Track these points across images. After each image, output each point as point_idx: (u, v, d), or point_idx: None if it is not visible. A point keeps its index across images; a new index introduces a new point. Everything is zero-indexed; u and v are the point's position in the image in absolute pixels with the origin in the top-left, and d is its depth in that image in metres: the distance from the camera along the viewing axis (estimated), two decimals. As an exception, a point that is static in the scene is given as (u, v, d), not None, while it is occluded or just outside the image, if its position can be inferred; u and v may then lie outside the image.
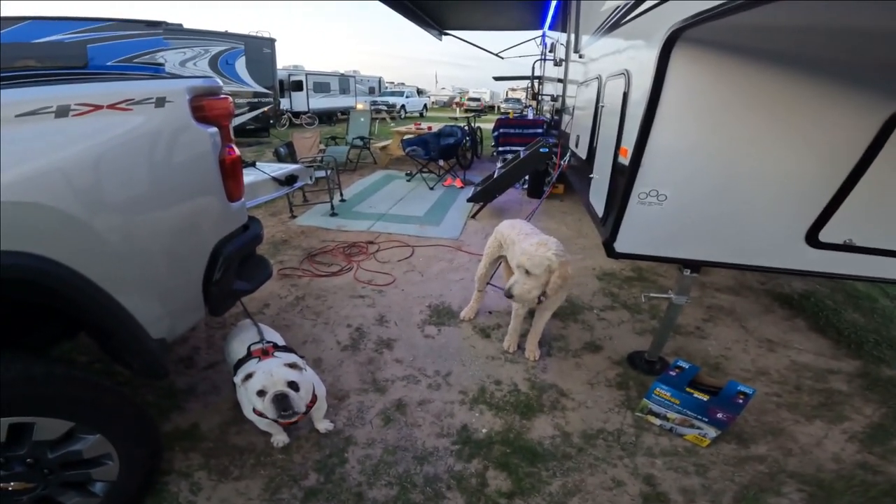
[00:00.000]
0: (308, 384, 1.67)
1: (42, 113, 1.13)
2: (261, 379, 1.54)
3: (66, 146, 1.16)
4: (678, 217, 1.81)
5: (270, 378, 1.54)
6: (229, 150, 1.65)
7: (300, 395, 1.58)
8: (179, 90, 1.42)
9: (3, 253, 1.03)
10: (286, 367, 1.59)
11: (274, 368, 1.57)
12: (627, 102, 1.91)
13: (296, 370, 1.62)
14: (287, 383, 1.54)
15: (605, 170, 2.19)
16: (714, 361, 2.46)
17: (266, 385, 1.53)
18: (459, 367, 2.37)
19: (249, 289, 1.94)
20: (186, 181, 1.50)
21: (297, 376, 1.59)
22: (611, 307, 3.07)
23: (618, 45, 2.32)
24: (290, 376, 1.56)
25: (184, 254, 1.56)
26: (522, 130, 6.59)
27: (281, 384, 1.53)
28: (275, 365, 1.58)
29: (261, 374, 1.54)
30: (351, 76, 20.96)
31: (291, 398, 1.54)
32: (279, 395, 1.52)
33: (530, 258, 2.03)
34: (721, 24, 1.25)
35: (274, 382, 1.53)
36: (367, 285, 3.29)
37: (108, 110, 1.26)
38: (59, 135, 1.15)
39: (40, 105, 1.12)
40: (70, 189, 1.16)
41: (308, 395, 1.66)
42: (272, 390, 1.52)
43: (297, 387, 1.57)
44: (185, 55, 9.19)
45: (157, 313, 1.49)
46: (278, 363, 1.60)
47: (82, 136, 1.20)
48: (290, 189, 2.41)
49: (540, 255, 2.03)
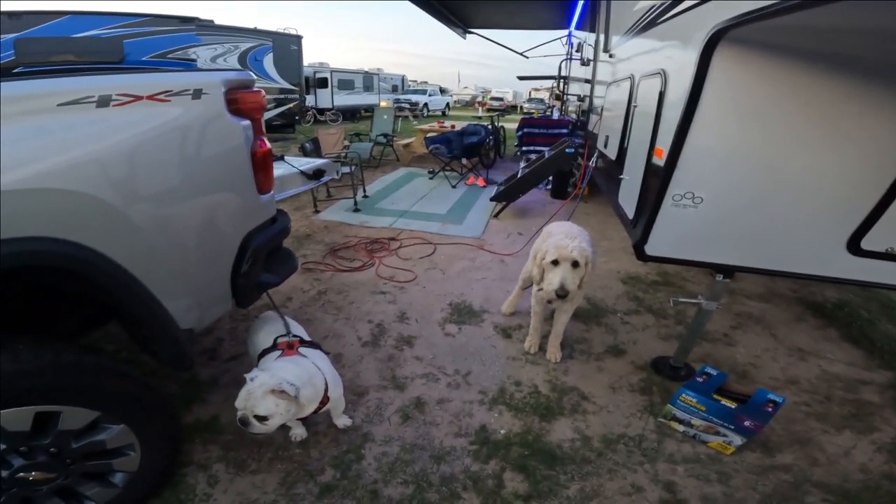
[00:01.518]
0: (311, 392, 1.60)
1: (84, 102, 1.15)
2: (241, 395, 1.46)
3: (105, 135, 1.18)
4: (713, 220, 1.75)
5: (245, 401, 1.45)
6: (261, 143, 1.67)
7: (272, 422, 1.49)
8: (215, 83, 1.44)
9: (42, 240, 1.06)
10: (269, 396, 1.46)
11: (256, 390, 1.45)
12: (664, 103, 1.86)
13: (284, 398, 1.48)
14: (254, 416, 1.45)
15: (637, 171, 2.13)
16: (742, 369, 2.40)
17: (238, 404, 1.46)
18: (479, 367, 2.35)
19: (276, 281, 1.96)
20: (219, 173, 1.52)
21: (272, 408, 1.46)
22: (635, 311, 3.01)
23: (653, 44, 2.26)
24: (263, 409, 1.45)
25: (214, 245, 1.58)
26: (547, 130, 6.51)
27: (250, 411, 1.45)
28: (259, 389, 1.45)
29: (244, 391, 1.46)
30: (375, 74, 21.10)
31: (252, 427, 1.47)
32: (242, 419, 1.47)
33: (579, 250, 1.99)
34: (767, 25, 1.20)
35: (245, 406, 1.45)
36: (388, 282, 3.30)
37: (147, 101, 1.28)
38: (99, 124, 1.18)
39: (82, 95, 1.15)
40: (108, 178, 1.18)
41: (315, 400, 1.62)
42: (240, 412, 1.47)
43: (266, 419, 1.47)
44: (216, 51, 9.40)
45: (187, 304, 1.51)
46: (264, 389, 1.45)
47: (122, 125, 1.22)
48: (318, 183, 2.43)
49: (584, 247, 2.01)
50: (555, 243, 2.04)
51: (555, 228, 2.46)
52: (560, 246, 2.01)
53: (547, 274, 2.06)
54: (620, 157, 2.66)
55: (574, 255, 1.98)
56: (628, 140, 2.49)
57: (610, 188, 2.99)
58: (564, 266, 2.00)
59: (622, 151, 2.64)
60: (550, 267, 2.04)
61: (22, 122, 1.05)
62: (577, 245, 2.01)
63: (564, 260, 2.00)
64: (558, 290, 1.97)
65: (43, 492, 1.24)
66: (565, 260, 2.00)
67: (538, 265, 2.12)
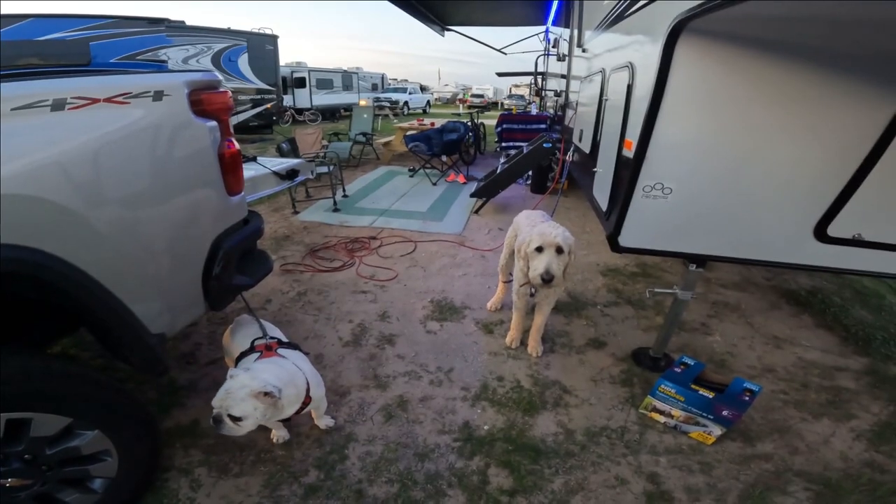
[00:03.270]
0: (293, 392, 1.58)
1: (38, 106, 1.11)
2: (220, 394, 1.43)
3: (62, 140, 1.15)
4: (683, 210, 1.78)
5: (222, 400, 1.42)
6: (229, 143, 1.64)
7: (245, 423, 1.45)
8: (177, 84, 1.41)
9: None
10: (250, 399, 1.43)
11: (236, 391, 1.43)
12: (632, 95, 1.88)
13: (265, 401, 1.45)
14: (229, 416, 1.42)
15: (609, 164, 2.16)
16: (720, 358, 2.44)
17: (215, 403, 1.43)
18: (461, 364, 2.35)
19: (250, 283, 1.94)
20: (185, 175, 1.49)
21: (249, 410, 1.43)
22: (615, 303, 3.04)
23: (621, 38, 2.28)
24: (239, 410, 1.42)
25: (183, 248, 1.55)
26: (526, 126, 6.55)
27: (226, 410, 1.42)
28: (240, 390, 1.43)
29: (223, 390, 1.43)
30: (354, 73, 20.92)
31: (224, 426, 1.44)
32: (216, 417, 1.44)
33: (563, 237, 2.01)
34: (726, 14, 1.22)
35: (222, 405, 1.42)
36: (369, 280, 3.28)
37: (104, 104, 1.25)
38: (55, 128, 1.14)
39: (36, 99, 1.11)
40: (67, 182, 1.15)
41: (297, 401, 1.61)
42: (216, 410, 1.43)
43: (240, 420, 1.44)
44: (188, 52, 9.17)
45: (156, 308, 1.48)
46: (245, 390, 1.43)
47: (78, 129, 1.19)
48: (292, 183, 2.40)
49: (567, 235, 2.03)
50: (539, 231, 2.04)
51: (524, 219, 2.50)
52: (544, 233, 2.02)
53: (531, 261, 2.05)
54: (594, 150, 2.69)
55: (558, 241, 1.99)
56: (601, 133, 2.52)
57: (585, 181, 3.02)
58: (549, 252, 2.00)
59: (595, 145, 2.67)
60: (535, 254, 2.03)
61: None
62: (561, 232, 2.03)
63: (549, 246, 2.00)
64: (543, 274, 1.96)
65: (21, 498, 1.23)
66: (550, 246, 2.00)
67: (522, 257, 2.12)
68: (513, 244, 2.60)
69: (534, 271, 2.02)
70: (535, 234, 2.04)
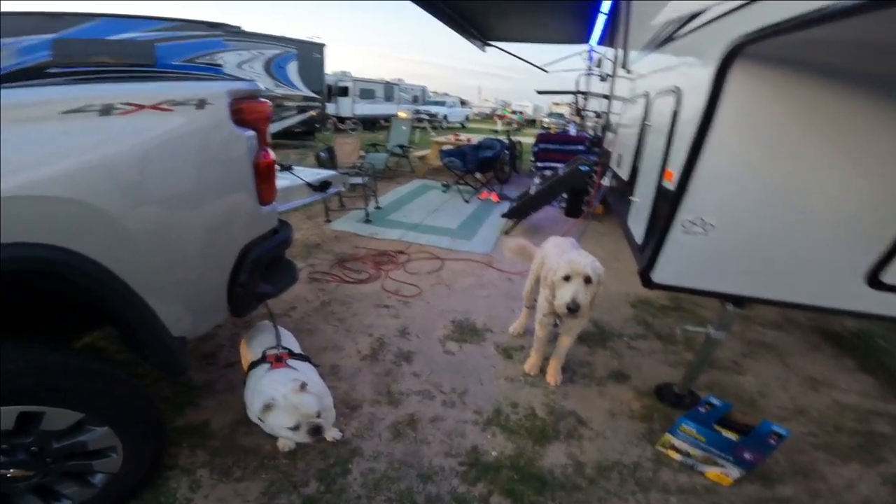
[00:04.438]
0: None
1: (87, 111, 1.16)
2: (291, 415, 1.45)
3: (106, 144, 1.19)
4: (724, 248, 1.67)
5: (298, 411, 1.46)
6: (265, 153, 1.67)
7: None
8: (220, 93, 1.44)
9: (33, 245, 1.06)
10: (309, 395, 1.49)
11: (299, 400, 1.47)
12: (676, 122, 1.79)
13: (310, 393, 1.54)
14: (316, 414, 1.48)
15: (647, 193, 2.06)
16: (749, 398, 2.33)
17: (300, 420, 1.46)
18: (476, 386, 2.30)
19: (273, 292, 1.94)
20: (220, 183, 1.52)
21: (316, 400, 1.51)
22: (642, 336, 2.92)
23: (669, 60, 2.20)
24: (314, 404, 1.49)
25: (211, 255, 1.57)
26: (563, 147, 6.46)
27: (313, 416, 1.47)
28: (295, 394, 1.47)
29: (286, 407, 1.44)
30: (395, 84, 21.38)
31: (323, 426, 1.50)
32: (315, 427, 1.47)
33: (593, 266, 1.95)
34: (788, 40, 1.14)
35: (305, 415, 1.46)
36: (392, 295, 3.26)
37: (150, 110, 1.28)
38: (101, 133, 1.18)
39: (85, 103, 1.15)
40: (106, 186, 1.18)
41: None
42: (305, 424, 1.46)
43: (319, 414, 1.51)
44: (242, 57, 9.55)
45: (180, 312, 1.50)
46: (295, 390, 1.48)
47: (123, 135, 1.22)
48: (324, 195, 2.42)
49: (597, 265, 1.98)
50: (568, 259, 1.99)
51: (552, 246, 2.44)
52: (573, 261, 1.96)
53: (558, 290, 2.00)
54: (632, 177, 2.59)
55: (587, 271, 1.93)
56: (640, 160, 2.42)
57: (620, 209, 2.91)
58: (577, 281, 1.94)
59: (634, 172, 2.57)
60: (562, 283, 1.98)
61: (24, 129, 1.05)
62: (591, 261, 1.97)
63: (577, 275, 1.94)
64: (570, 303, 1.90)
65: (20, 488, 1.24)
66: (578, 275, 1.94)
67: (548, 285, 2.06)
68: (539, 271, 2.56)
69: (560, 300, 1.96)
70: (564, 263, 1.98)
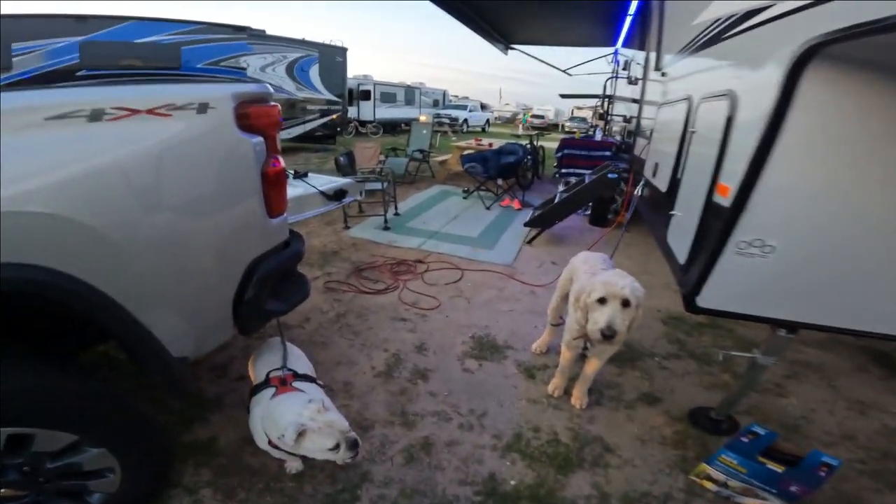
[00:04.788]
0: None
1: (74, 117, 1.05)
2: (328, 435, 1.41)
3: (95, 154, 1.08)
4: (785, 272, 1.48)
5: (334, 430, 1.43)
6: (274, 161, 1.55)
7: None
8: (224, 96, 1.33)
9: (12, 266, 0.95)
10: (332, 412, 1.48)
11: (329, 418, 1.44)
12: (731, 129, 1.60)
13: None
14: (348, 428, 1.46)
15: (693, 208, 1.86)
16: (793, 423, 2.18)
17: (338, 438, 1.42)
18: (496, 408, 2.17)
19: (283, 310, 1.84)
20: (223, 195, 1.40)
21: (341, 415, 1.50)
22: (675, 355, 2.72)
23: (718, 62, 2.01)
24: (343, 418, 1.47)
25: (214, 271, 1.46)
26: (589, 152, 6.22)
27: (347, 430, 1.44)
28: (322, 415, 1.44)
29: (321, 429, 1.41)
30: (417, 88, 21.37)
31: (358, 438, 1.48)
32: (353, 441, 1.45)
33: (632, 288, 1.77)
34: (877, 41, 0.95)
35: (342, 431, 1.43)
36: (410, 308, 3.13)
37: (146, 115, 1.18)
38: (89, 141, 1.08)
39: (72, 108, 1.05)
40: (94, 201, 1.08)
41: None
42: (344, 441, 1.43)
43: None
44: (266, 60, 9.63)
45: (180, 331, 1.40)
46: (320, 410, 1.45)
47: (115, 142, 1.12)
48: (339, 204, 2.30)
49: (636, 286, 1.79)
50: (603, 280, 1.80)
51: (581, 262, 2.26)
52: (609, 283, 1.77)
53: (591, 313, 1.81)
54: (672, 189, 2.38)
55: (625, 293, 1.74)
56: (682, 170, 2.22)
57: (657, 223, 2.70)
58: (613, 304, 1.75)
59: (674, 183, 2.36)
60: (596, 306, 1.79)
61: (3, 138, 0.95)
62: (630, 283, 1.77)
63: (614, 298, 1.75)
64: (605, 329, 1.72)
65: None
66: (615, 298, 1.75)
67: (580, 307, 1.88)
68: (566, 287, 2.39)
69: (594, 324, 1.78)
70: (599, 284, 1.80)
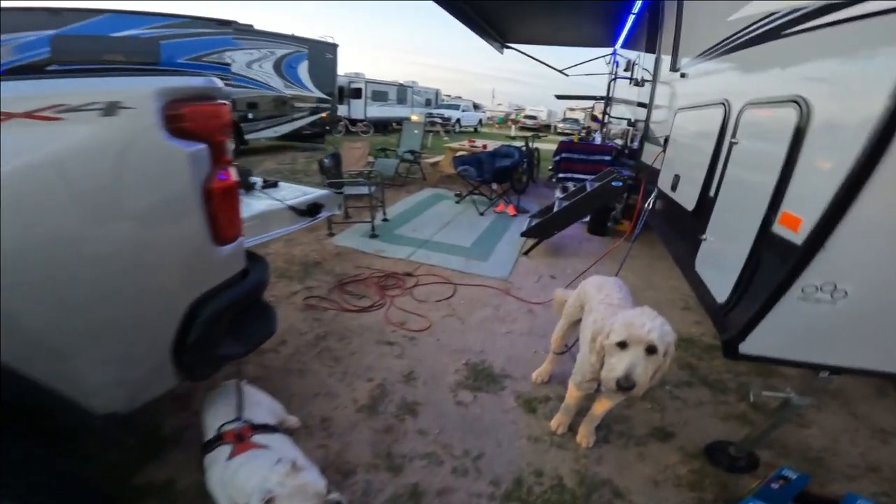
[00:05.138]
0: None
1: None
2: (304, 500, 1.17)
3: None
4: (850, 320, 1.24)
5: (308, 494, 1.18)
6: (222, 174, 1.22)
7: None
8: (143, 93, 1.00)
9: None
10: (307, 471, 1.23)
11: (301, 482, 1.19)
12: (802, 144, 1.30)
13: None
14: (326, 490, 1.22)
15: (738, 237, 1.56)
16: (817, 455, 2.04)
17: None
18: (494, 448, 1.96)
19: (241, 353, 1.55)
20: (146, 221, 1.08)
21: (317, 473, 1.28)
22: (687, 383, 2.50)
23: (776, 61, 1.68)
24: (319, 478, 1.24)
25: (139, 315, 1.16)
26: (588, 157, 5.95)
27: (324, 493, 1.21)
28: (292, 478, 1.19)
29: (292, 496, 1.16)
30: (409, 87, 21.07)
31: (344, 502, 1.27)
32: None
33: (661, 332, 1.45)
34: None
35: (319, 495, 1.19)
36: (398, 329, 2.84)
37: (23, 120, 0.84)
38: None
39: None
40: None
41: None
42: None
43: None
44: (252, 56, 9.31)
45: (101, 385, 1.13)
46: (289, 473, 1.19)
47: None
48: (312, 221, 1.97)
49: (666, 329, 1.48)
50: (625, 321, 1.49)
51: (593, 289, 1.98)
52: (632, 325, 1.46)
53: (609, 358, 1.52)
54: (702, 208, 2.08)
55: (652, 339, 1.43)
56: (717, 188, 1.91)
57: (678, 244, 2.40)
58: (635, 351, 1.45)
59: (705, 201, 2.05)
60: (614, 349, 1.50)
61: None
62: (659, 325, 1.46)
63: (637, 343, 1.45)
64: (622, 379, 1.43)
65: None
66: (638, 343, 1.45)
67: (596, 350, 1.58)
68: (575, 315, 2.12)
69: (609, 371, 1.49)
70: (620, 325, 1.49)
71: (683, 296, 3.61)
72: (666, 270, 4.13)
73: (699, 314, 3.29)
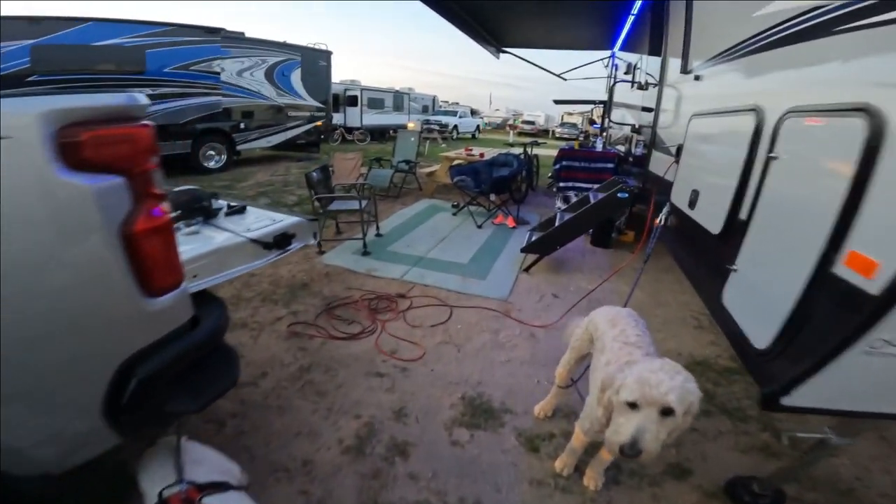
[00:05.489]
0: None
1: None
2: None
3: None
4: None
5: None
6: (149, 210, 0.98)
7: None
8: (26, 118, 0.76)
9: None
10: None
11: None
12: (877, 165, 1.06)
13: None
14: None
15: (781, 273, 1.32)
16: (847, 486, 1.90)
17: None
18: (493, 495, 1.78)
19: (192, 409, 1.32)
20: (42, 278, 0.84)
21: None
22: (704, 412, 2.26)
23: (830, 61, 1.44)
24: None
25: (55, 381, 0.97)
26: (590, 164, 5.73)
27: None
28: None
29: None
30: (406, 93, 20.91)
31: None
32: None
33: (681, 391, 1.23)
34: None
35: None
36: (389, 358, 2.61)
37: None
38: None
39: None
40: None
41: None
42: None
43: None
44: (243, 64, 9.09)
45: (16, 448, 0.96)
46: None
47: None
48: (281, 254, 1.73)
49: (688, 387, 1.25)
50: (639, 377, 1.25)
51: (604, 322, 1.76)
52: (645, 382, 1.23)
53: (616, 416, 1.30)
54: (730, 232, 1.83)
55: (668, 400, 1.19)
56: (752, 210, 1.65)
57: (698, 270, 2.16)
58: (647, 413, 1.22)
59: (734, 225, 1.81)
60: (623, 408, 1.27)
61: None
62: (679, 384, 1.22)
63: (650, 405, 1.22)
64: (626, 446, 1.22)
65: None
66: (651, 405, 1.22)
67: (604, 405, 1.34)
68: (583, 349, 1.92)
69: (614, 434, 1.29)
70: (633, 381, 1.25)
71: (695, 313, 3.38)
72: (674, 284, 3.90)
73: (713, 333, 3.06)
